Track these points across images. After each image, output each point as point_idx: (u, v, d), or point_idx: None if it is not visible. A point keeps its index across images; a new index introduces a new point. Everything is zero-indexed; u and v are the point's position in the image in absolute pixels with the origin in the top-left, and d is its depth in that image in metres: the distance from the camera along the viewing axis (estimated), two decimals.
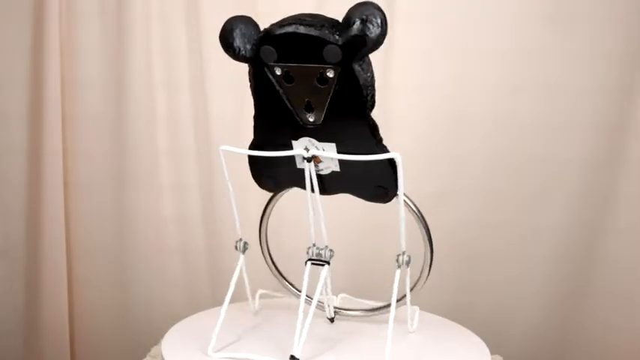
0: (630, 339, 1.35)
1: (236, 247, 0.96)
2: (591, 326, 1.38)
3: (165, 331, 0.98)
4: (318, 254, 0.89)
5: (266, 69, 0.82)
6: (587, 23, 1.33)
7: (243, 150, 0.90)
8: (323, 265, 0.88)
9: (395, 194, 0.85)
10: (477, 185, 1.41)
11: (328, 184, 0.89)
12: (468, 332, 1.02)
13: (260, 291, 1.04)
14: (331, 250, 0.89)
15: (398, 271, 0.89)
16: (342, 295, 1.06)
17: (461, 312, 1.29)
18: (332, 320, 1.01)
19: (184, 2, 1.42)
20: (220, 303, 1.13)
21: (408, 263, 0.91)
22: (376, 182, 0.87)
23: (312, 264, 0.88)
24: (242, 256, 0.95)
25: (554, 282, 1.41)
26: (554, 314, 1.42)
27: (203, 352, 0.88)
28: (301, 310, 0.84)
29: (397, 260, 0.90)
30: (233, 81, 1.44)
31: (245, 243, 0.96)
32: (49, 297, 1.44)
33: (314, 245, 0.89)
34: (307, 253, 0.89)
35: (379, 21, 0.74)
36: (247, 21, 0.83)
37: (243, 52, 0.81)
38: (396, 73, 1.37)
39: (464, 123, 1.40)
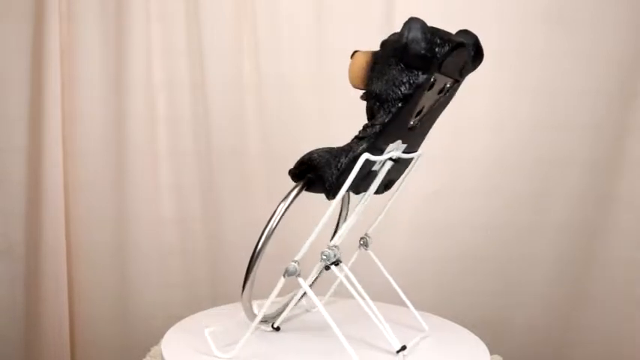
0: (630, 339, 1.35)
1: (291, 272, 0.84)
2: (591, 326, 1.38)
3: (165, 331, 0.98)
4: (334, 256, 0.88)
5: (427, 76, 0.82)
6: (588, 25, 1.33)
7: (381, 157, 0.85)
8: (337, 264, 0.89)
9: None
10: (477, 185, 1.41)
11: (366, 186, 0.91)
12: (468, 332, 1.03)
13: (207, 330, 0.93)
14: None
15: (369, 252, 0.92)
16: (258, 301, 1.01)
17: (461, 312, 1.29)
18: (278, 329, 0.98)
19: (184, 2, 1.42)
20: (220, 303, 1.14)
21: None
22: (391, 178, 0.92)
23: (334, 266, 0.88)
24: (301, 280, 0.85)
25: (554, 282, 1.41)
26: (554, 314, 1.42)
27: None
28: (371, 309, 0.86)
29: (361, 241, 0.94)
30: (233, 81, 1.44)
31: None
32: (49, 297, 1.44)
33: (328, 248, 0.88)
34: (325, 258, 0.87)
35: None
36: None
37: (439, 56, 0.81)
38: None
39: (464, 123, 1.40)
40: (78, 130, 1.45)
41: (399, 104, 0.81)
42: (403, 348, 0.86)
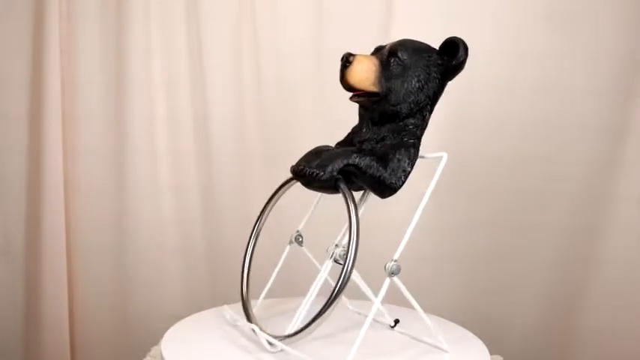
0: (630, 339, 1.35)
1: (396, 271, 0.88)
2: (591, 326, 1.38)
3: (165, 331, 0.98)
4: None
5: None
6: (587, 24, 1.33)
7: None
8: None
9: None
10: (477, 185, 1.41)
11: None
12: (468, 332, 1.03)
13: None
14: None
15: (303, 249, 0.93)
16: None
17: (461, 312, 1.29)
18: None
19: (184, 2, 1.42)
20: (220, 303, 1.14)
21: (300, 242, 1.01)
22: None
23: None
24: (397, 279, 0.88)
25: (554, 282, 1.41)
26: (555, 314, 1.42)
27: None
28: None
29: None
30: (233, 82, 1.44)
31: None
32: (49, 297, 1.44)
33: (342, 247, 0.89)
34: (335, 257, 0.89)
35: None
36: None
37: None
38: None
39: (464, 123, 1.40)
40: (78, 130, 1.45)
41: (432, 110, 0.93)
42: (397, 322, 0.99)
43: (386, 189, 0.88)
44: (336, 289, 0.80)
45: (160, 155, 1.46)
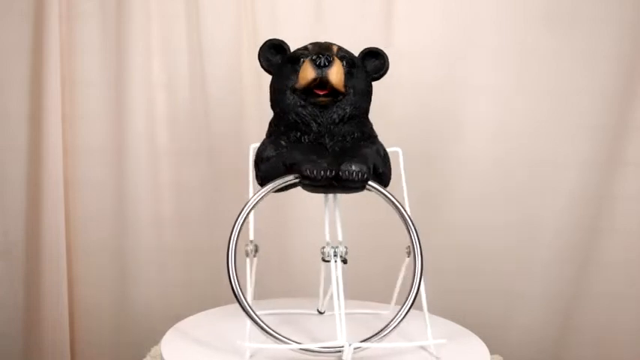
0: (629, 339, 1.35)
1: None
2: (590, 326, 1.38)
3: (166, 331, 0.98)
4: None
5: None
6: (587, 25, 1.33)
7: None
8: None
9: None
10: (477, 186, 1.41)
11: None
12: (468, 332, 1.03)
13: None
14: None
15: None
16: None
17: (461, 312, 1.29)
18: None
19: (184, 2, 1.42)
20: (220, 303, 1.14)
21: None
22: None
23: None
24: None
25: (553, 282, 1.41)
26: (554, 314, 1.42)
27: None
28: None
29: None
30: (233, 81, 1.44)
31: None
32: (49, 296, 1.44)
33: (340, 244, 0.90)
34: (332, 255, 0.90)
35: None
36: None
37: None
38: (397, 73, 1.37)
39: (464, 124, 1.40)
40: (78, 130, 1.45)
41: None
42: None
43: (384, 185, 0.93)
44: (413, 292, 0.86)
45: (160, 155, 1.46)
